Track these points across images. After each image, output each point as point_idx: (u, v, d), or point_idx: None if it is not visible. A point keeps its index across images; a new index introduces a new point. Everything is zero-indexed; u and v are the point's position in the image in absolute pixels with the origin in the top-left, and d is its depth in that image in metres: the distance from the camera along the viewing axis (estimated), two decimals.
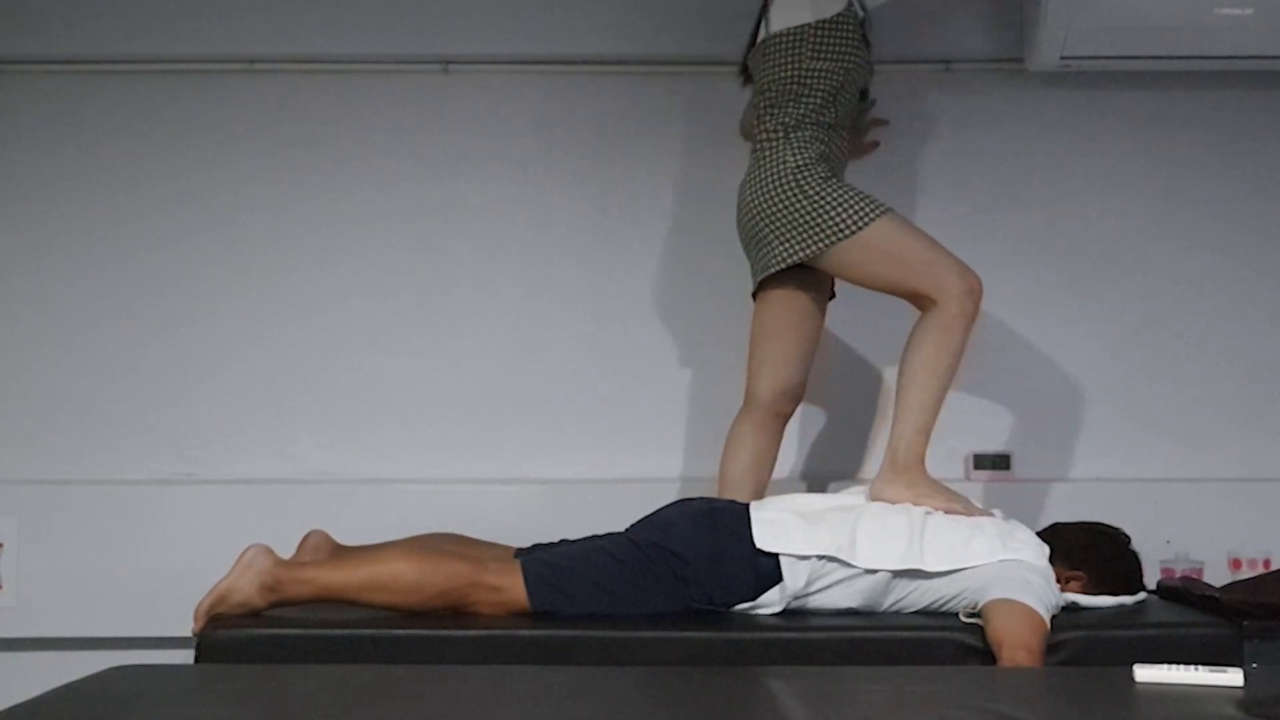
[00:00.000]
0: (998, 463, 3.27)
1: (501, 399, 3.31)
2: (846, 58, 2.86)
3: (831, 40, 2.85)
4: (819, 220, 2.73)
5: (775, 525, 2.54)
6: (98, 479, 3.23)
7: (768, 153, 2.83)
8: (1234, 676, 1.86)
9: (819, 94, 2.85)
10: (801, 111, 2.84)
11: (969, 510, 2.65)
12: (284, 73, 3.33)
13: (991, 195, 3.33)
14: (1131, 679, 1.91)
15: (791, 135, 2.82)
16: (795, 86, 2.84)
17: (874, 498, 2.69)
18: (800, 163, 2.78)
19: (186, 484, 3.25)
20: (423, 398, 3.30)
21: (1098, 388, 3.33)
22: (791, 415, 2.93)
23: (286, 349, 3.31)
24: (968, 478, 3.25)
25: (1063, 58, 3.15)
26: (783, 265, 2.78)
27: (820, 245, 2.74)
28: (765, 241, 2.80)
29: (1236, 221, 3.36)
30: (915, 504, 2.63)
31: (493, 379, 3.31)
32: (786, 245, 2.77)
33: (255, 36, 3.30)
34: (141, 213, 3.32)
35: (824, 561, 2.50)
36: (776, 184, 2.78)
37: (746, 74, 3.06)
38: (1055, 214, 3.36)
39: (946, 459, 3.13)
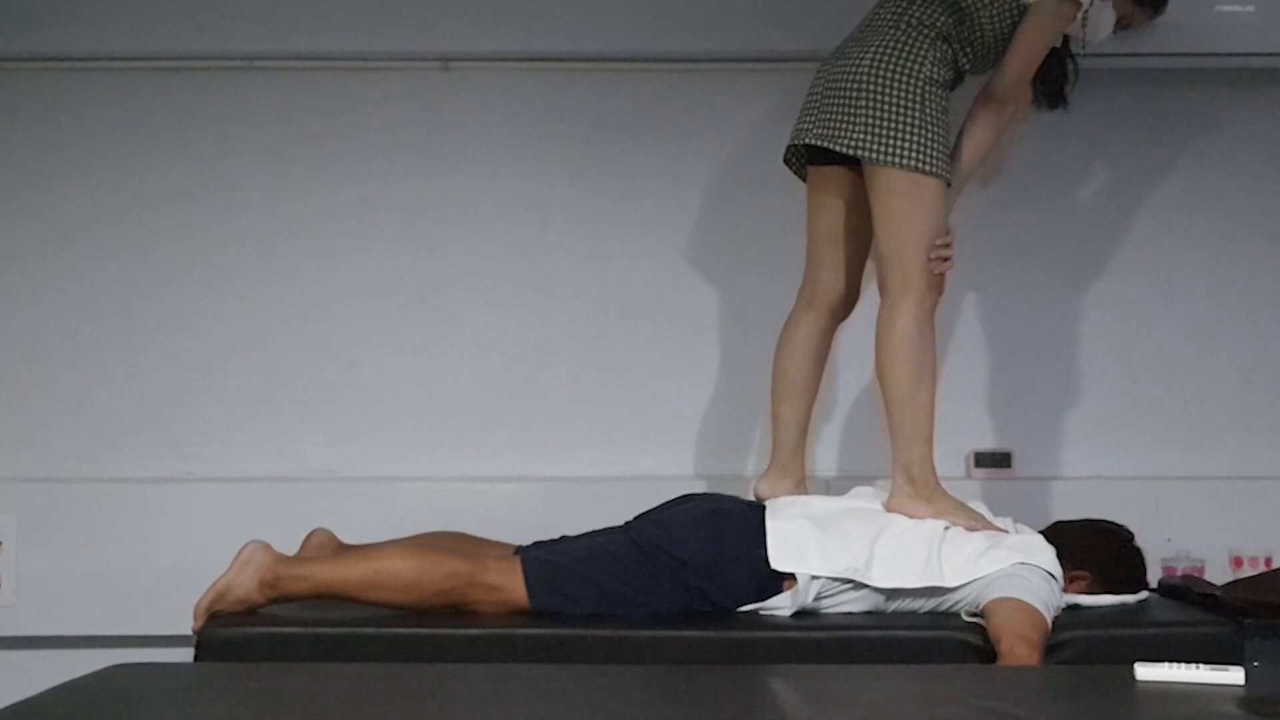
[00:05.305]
0: (998, 460, 3.27)
1: (502, 396, 3.30)
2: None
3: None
4: (912, 137, 2.63)
5: (790, 541, 2.51)
6: (97, 477, 3.22)
7: (909, 42, 2.69)
8: (1235, 675, 1.85)
9: (980, 43, 2.75)
10: (959, 33, 2.72)
11: (987, 526, 2.63)
12: (283, 70, 3.32)
13: (991, 193, 3.33)
14: (1133, 678, 1.91)
15: (939, 44, 2.71)
16: (975, 16, 2.72)
17: (891, 511, 2.64)
18: (934, 77, 2.68)
19: (186, 482, 3.24)
20: (423, 395, 3.30)
21: (1098, 385, 3.33)
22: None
23: (286, 346, 3.30)
24: (968, 475, 3.24)
25: None
26: (848, 150, 2.67)
27: (895, 159, 2.63)
28: (849, 117, 2.67)
29: (1236, 220, 3.35)
30: (936, 519, 2.60)
31: (494, 376, 3.30)
32: (867, 136, 2.65)
33: (254, 34, 3.29)
34: (140, 210, 3.31)
35: (838, 581, 2.50)
36: (902, 79, 2.66)
37: None
38: (1055, 211, 3.36)
39: (946, 457, 3.11)
